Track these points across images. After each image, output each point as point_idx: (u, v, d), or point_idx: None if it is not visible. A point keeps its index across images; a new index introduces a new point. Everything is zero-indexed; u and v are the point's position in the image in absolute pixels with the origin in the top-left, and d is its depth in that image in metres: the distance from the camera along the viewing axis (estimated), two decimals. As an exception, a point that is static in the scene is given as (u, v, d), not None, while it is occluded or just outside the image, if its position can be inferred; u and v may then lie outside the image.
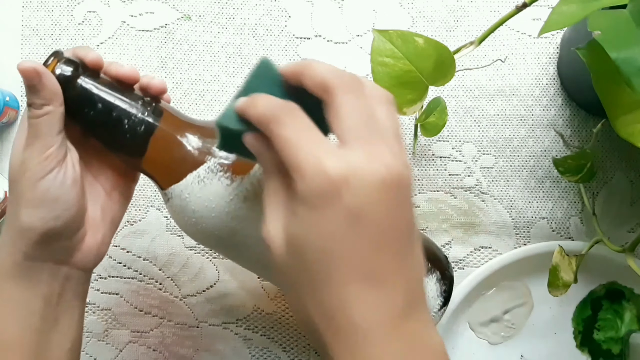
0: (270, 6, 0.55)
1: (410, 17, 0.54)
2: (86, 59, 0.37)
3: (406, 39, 0.44)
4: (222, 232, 0.38)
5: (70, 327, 0.39)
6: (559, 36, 0.53)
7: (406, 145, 0.53)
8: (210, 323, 0.54)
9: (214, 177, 0.37)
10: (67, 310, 0.39)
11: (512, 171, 0.53)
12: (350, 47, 0.54)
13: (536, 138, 0.53)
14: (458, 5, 0.54)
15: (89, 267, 0.40)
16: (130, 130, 0.37)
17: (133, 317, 0.54)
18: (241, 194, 0.37)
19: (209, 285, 0.54)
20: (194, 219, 0.38)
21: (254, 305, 0.54)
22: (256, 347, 0.54)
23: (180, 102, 0.55)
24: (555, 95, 0.53)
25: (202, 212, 0.38)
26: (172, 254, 0.54)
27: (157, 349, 0.54)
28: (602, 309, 0.51)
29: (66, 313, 0.39)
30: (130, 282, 0.54)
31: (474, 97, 0.53)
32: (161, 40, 0.55)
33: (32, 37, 0.55)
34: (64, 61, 0.36)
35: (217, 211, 0.37)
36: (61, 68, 0.36)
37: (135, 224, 0.54)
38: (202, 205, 0.37)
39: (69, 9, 0.55)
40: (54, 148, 0.35)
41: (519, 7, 0.41)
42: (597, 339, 0.51)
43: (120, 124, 0.37)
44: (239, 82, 0.54)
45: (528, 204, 0.53)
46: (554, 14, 0.38)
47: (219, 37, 0.55)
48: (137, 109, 0.37)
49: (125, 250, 0.54)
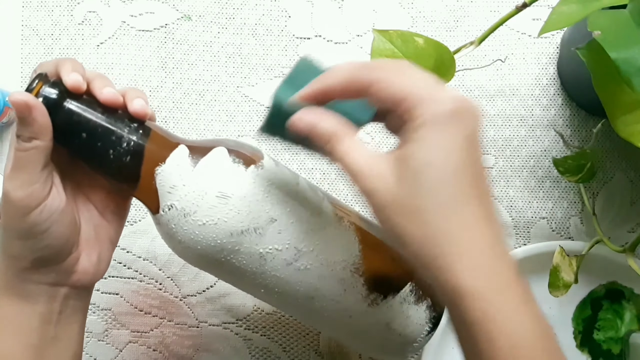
0: (270, 6, 0.55)
1: (410, 17, 0.54)
2: (66, 83, 0.34)
3: (406, 39, 0.44)
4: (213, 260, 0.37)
5: (70, 341, 0.38)
6: (559, 36, 0.53)
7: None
8: (210, 323, 0.54)
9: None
10: (67, 326, 0.38)
11: (512, 171, 0.53)
12: (350, 47, 0.54)
13: (536, 138, 0.53)
14: (458, 5, 0.54)
15: (88, 285, 0.39)
16: (116, 160, 0.35)
17: (133, 317, 0.54)
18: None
19: (209, 285, 0.54)
20: (181, 247, 0.37)
21: (254, 305, 0.54)
22: (256, 347, 0.54)
23: (180, 102, 0.55)
24: (555, 95, 0.53)
25: (188, 243, 0.37)
26: (172, 254, 0.53)
27: (157, 349, 0.54)
28: (602, 309, 0.51)
29: (66, 329, 0.38)
30: (131, 282, 0.54)
31: (474, 97, 0.53)
32: (161, 40, 0.55)
33: (32, 37, 0.55)
34: (49, 84, 0.34)
35: (203, 244, 0.37)
36: (46, 91, 0.34)
37: (135, 224, 0.54)
38: (188, 237, 0.37)
39: (69, 9, 0.55)
40: (37, 185, 0.34)
41: (519, 7, 0.41)
42: (597, 339, 0.51)
43: (106, 154, 0.35)
44: (238, 82, 0.55)
45: (528, 204, 0.53)
46: (554, 14, 0.38)
47: (219, 37, 0.55)
48: (124, 137, 0.35)
49: (125, 250, 0.54)
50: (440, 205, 0.29)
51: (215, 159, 0.37)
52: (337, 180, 0.54)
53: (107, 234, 0.39)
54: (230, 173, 0.36)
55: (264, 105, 0.54)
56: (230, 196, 0.36)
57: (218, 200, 0.36)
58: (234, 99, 0.55)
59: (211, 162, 0.36)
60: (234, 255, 0.37)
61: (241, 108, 0.55)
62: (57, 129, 0.34)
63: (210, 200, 0.36)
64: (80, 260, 0.37)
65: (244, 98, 0.55)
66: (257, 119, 0.54)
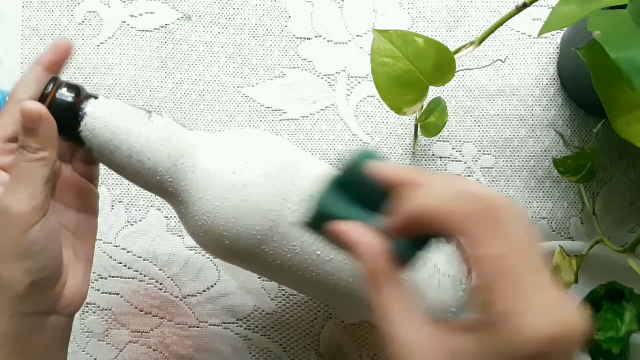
0: (270, 6, 0.55)
1: (410, 17, 0.54)
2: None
3: (406, 39, 0.44)
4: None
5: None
6: (559, 36, 0.53)
7: (406, 145, 0.53)
8: (210, 323, 0.54)
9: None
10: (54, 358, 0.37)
11: (512, 171, 0.53)
12: (350, 47, 0.54)
13: (536, 138, 0.53)
14: (458, 5, 0.54)
15: (74, 310, 0.38)
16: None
17: (133, 317, 0.54)
18: None
19: (209, 285, 0.54)
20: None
21: (254, 305, 0.54)
22: (256, 347, 0.54)
23: (180, 102, 0.55)
24: (555, 95, 0.53)
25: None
26: (172, 254, 0.54)
27: (157, 349, 0.54)
28: (602, 309, 0.51)
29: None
30: (131, 282, 0.54)
31: (474, 97, 0.54)
32: (161, 40, 0.55)
33: (32, 37, 0.55)
34: (65, 85, 0.34)
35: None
36: (64, 94, 0.34)
37: (135, 224, 0.54)
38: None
39: (69, 9, 0.55)
40: (41, 198, 0.32)
41: (519, 7, 0.41)
42: (597, 339, 0.51)
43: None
44: (239, 82, 0.55)
45: (528, 204, 0.53)
46: (554, 14, 0.38)
47: (219, 37, 0.55)
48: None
49: (125, 250, 0.54)
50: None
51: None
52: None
53: (84, 254, 0.39)
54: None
55: (264, 105, 0.54)
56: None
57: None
58: (234, 99, 0.55)
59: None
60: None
61: (241, 108, 0.55)
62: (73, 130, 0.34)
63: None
64: (67, 283, 0.37)
65: (244, 98, 0.55)
66: (257, 119, 0.54)
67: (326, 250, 0.39)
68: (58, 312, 0.37)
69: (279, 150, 0.39)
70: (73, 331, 0.54)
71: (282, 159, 0.38)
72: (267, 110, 0.55)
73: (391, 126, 0.53)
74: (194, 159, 0.37)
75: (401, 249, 0.29)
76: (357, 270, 0.38)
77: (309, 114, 0.54)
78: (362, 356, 0.53)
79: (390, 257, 0.28)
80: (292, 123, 0.54)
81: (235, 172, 0.37)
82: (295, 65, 0.55)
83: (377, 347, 0.53)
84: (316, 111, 0.54)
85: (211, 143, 0.38)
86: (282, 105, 0.54)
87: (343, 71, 0.54)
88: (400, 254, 0.29)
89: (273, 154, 0.38)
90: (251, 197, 0.36)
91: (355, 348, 0.53)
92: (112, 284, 0.54)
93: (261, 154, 0.38)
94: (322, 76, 0.55)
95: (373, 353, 0.53)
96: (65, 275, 0.37)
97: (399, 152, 0.53)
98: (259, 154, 0.38)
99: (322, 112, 0.54)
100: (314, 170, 0.39)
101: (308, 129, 0.54)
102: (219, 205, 0.36)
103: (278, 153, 0.38)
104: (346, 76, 0.54)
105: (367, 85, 0.54)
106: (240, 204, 0.36)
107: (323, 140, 0.54)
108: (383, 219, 0.29)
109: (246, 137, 0.39)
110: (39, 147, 0.32)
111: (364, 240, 0.28)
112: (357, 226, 0.29)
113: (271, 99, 0.55)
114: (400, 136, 0.53)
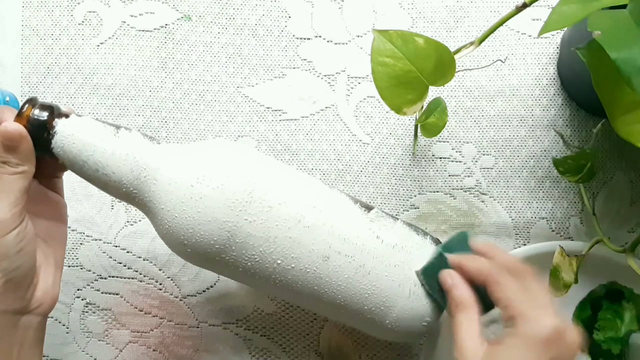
0: (270, 6, 0.55)
1: (410, 17, 0.54)
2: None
3: (406, 39, 0.44)
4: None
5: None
6: (559, 36, 0.53)
7: (406, 146, 0.53)
8: (210, 323, 0.54)
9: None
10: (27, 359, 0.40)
11: (512, 171, 0.53)
12: (350, 48, 0.54)
13: (536, 138, 0.53)
14: (458, 5, 0.54)
15: (47, 311, 0.41)
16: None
17: (133, 317, 0.54)
18: None
19: (209, 286, 0.54)
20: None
21: (254, 305, 0.54)
22: (256, 348, 0.54)
23: (180, 102, 0.55)
24: (555, 95, 0.53)
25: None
26: (172, 254, 0.54)
27: (157, 349, 0.54)
28: (602, 309, 0.51)
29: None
30: (131, 282, 0.54)
31: (474, 98, 0.54)
32: (161, 41, 0.55)
33: (32, 37, 0.55)
34: (38, 106, 0.38)
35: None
36: (36, 114, 0.37)
37: (135, 224, 0.54)
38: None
39: (69, 9, 0.55)
40: (20, 206, 0.37)
41: (519, 7, 0.41)
42: (597, 339, 0.51)
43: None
44: (238, 82, 0.55)
45: (528, 204, 0.53)
46: (554, 14, 0.38)
47: (219, 37, 0.55)
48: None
49: (125, 250, 0.54)
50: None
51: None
52: (337, 181, 0.54)
53: (54, 259, 0.42)
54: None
55: (264, 106, 0.54)
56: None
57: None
58: (234, 99, 0.55)
59: None
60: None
61: (241, 108, 0.55)
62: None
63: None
64: (39, 285, 0.40)
65: (244, 98, 0.55)
66: (257, 119, 0.54)
67: (286, 260, 0.40)
68: (31, 312, 0.39)
69: (238, 163, 0.40)
70: (73, 331, 0.54)
71: (240, 171, 0.40)
72: (267, 110, 0.55)
73: (391, 126, 0.53)
74: (156, 172, 0.39)
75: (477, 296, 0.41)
76: (319, 279, 0.41)
77: (308, 114, 0.54)
78: (361, 356, 0.53)
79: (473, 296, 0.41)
80: (292, 123, 0.54)
81: (192, 185, 0.39)
82: (295, 65, 0.55)
83: (376, 347, 0.53)
84: (316, 111, 0.54)
85: (173, 156, 0.40)
86: (282, 105, 0.55)
87: (343, 71, 0.54)
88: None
89: (231, 166, 0.40)
90: (207, 210, 0.39)
91: (355, 348, 0.53)
92: (112, 284, 0.54)
93: (218, 167, 0.39)
94: (322, 76, 0.55)
95: (372, 353, 0.53)
96: (37, 278, 0.40)
97: (399, 152, 0.53)
98: (216, 167, 0.39)
99: (322, 112, 0.54)
100: (279, 179, 0.41)
101: (308, 129, 0.54)
102: (177, 217, 0.39)
103: (236, 166, 0.40)
104: (346, 76, 0.54)
105: (367, 85, 0.54)
106: (197, 215, 0.39)
107: (323, 141, 0.54)
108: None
109: (207, 150, 0.41)
110: (19, 162, 0.37)
111: (460, 282, 0.41)
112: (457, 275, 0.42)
113: (271, 99, 0.55)
114: (400, 136, 0.53)
